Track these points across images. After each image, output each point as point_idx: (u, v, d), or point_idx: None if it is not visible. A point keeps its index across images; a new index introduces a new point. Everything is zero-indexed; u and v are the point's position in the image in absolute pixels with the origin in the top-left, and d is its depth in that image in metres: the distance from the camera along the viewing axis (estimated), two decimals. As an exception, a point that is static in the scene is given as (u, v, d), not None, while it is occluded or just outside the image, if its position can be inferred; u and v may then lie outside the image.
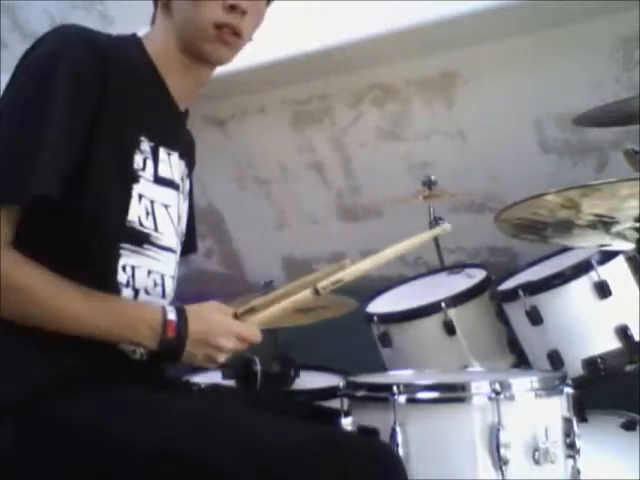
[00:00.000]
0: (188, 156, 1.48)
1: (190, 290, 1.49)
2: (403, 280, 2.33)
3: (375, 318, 2.04)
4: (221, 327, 1.24)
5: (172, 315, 1.21)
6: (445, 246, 2.58)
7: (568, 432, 1.35)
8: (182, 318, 1.21)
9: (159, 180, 1.32)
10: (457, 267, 2.29)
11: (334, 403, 1.49)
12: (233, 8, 1.29)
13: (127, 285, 1.26)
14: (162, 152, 1.33)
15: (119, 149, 1.24)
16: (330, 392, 1.82)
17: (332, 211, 3.55)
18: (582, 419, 1.73)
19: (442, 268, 2.44)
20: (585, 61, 2.64)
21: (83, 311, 1.16)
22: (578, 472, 1.33)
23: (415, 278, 2.34)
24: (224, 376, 1.57)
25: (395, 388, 1.32)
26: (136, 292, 1.28)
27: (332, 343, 2.80)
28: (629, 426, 1.81)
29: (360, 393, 1.42)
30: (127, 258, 1.25)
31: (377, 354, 2.08)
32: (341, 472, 1.08)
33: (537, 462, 1.30)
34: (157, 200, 1.31)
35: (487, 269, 2.12)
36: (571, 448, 1.34)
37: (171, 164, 1.36)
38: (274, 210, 3.66)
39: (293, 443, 1.11)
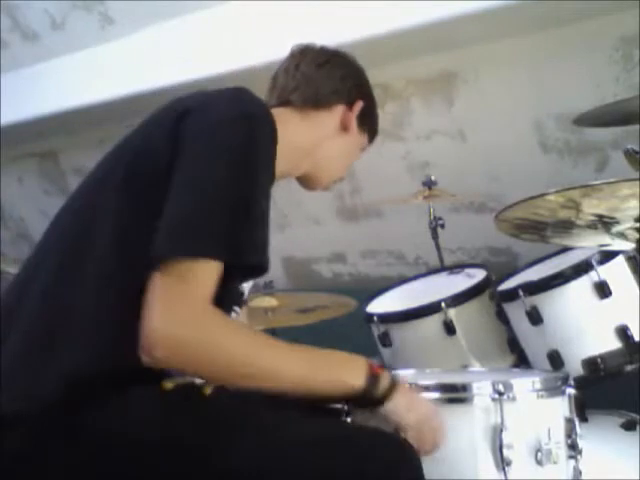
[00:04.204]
0: None
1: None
2: (403, 280, 2.33)
3: (375, 318, 2.04)
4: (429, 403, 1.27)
5: (375, 361, 1.23)
6: (445, 246, 2.58)
7: (570, 433, 1.35)
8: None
9: None
10: (457, 267, 2.29)
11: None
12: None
13: None
14: None
15: None
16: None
17: (332, 211, 3.55)
18: (582, 419, 1.73)
19: (442, 268, 2.44)
20: (585, 61, 2.64)
21: (295, 367, 1.15)
22: (580, 473, 1.33)
23: (415, 278, 2.34)
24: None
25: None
26: None
27: (332, 343, 2.80)
28: (629, 426, 1.81)
29: (361, 393, 1.41)
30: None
31: (377, 354, 2.08)
32: (357, 468, 1.08)
33: (540, 463, 1.29)
34: None
35: (487, 269, 2.12)
36: (573, 449, 1.34)
37: None
38: (275, 211, 3.65)
39: (310, 436, 1.11)
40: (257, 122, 1.19)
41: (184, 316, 1.06)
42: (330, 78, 1.45)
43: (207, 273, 1.09)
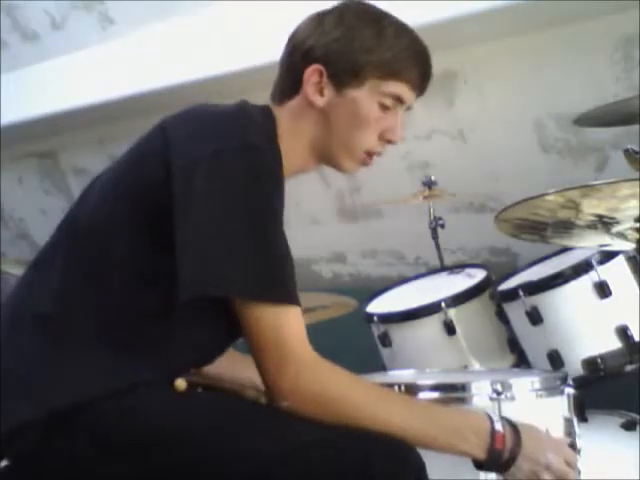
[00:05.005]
0: None
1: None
2: (403, 280, 2.33)
3: (375, 318, 2.04)
4: (552, 444, 1.24)
5: (499, 426, 1.18)
6: (445, 246, 2.58)
7: (569, 432, 1.35)
8: (513, 430, 1.19)
9: None
10: (457, 267, 2.29)
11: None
12: (389, 142, 1.32)
13: None
14: None
15: None
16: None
17: (332, 211, 3.55)
18: (582, 419, 1.73)
19: (442, 268, 2.44)
20: (585, 61, 2.64)
21: (408, 420, 1.15)
22: (579, 473, 1.33)
23: (415, 278, 2.34)
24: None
25: (397, 388, 1.32)
26: None
27: (332, 343, 2.80)
28: (629, 426, 1.81)
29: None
30: None
31: (377, 354, 2.08)
32: (360, 468, 1.08)
33: (538, 462, 1.29)
34: None
35: (487, 269, 2.12)
36: (571, 448, 1.34)
37: None
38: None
39: (313, 437, 1.11)
40: (257, 149, 1.15)
41: (302, 372, 1.15)
42: (292, 58, 1.33)
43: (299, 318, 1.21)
